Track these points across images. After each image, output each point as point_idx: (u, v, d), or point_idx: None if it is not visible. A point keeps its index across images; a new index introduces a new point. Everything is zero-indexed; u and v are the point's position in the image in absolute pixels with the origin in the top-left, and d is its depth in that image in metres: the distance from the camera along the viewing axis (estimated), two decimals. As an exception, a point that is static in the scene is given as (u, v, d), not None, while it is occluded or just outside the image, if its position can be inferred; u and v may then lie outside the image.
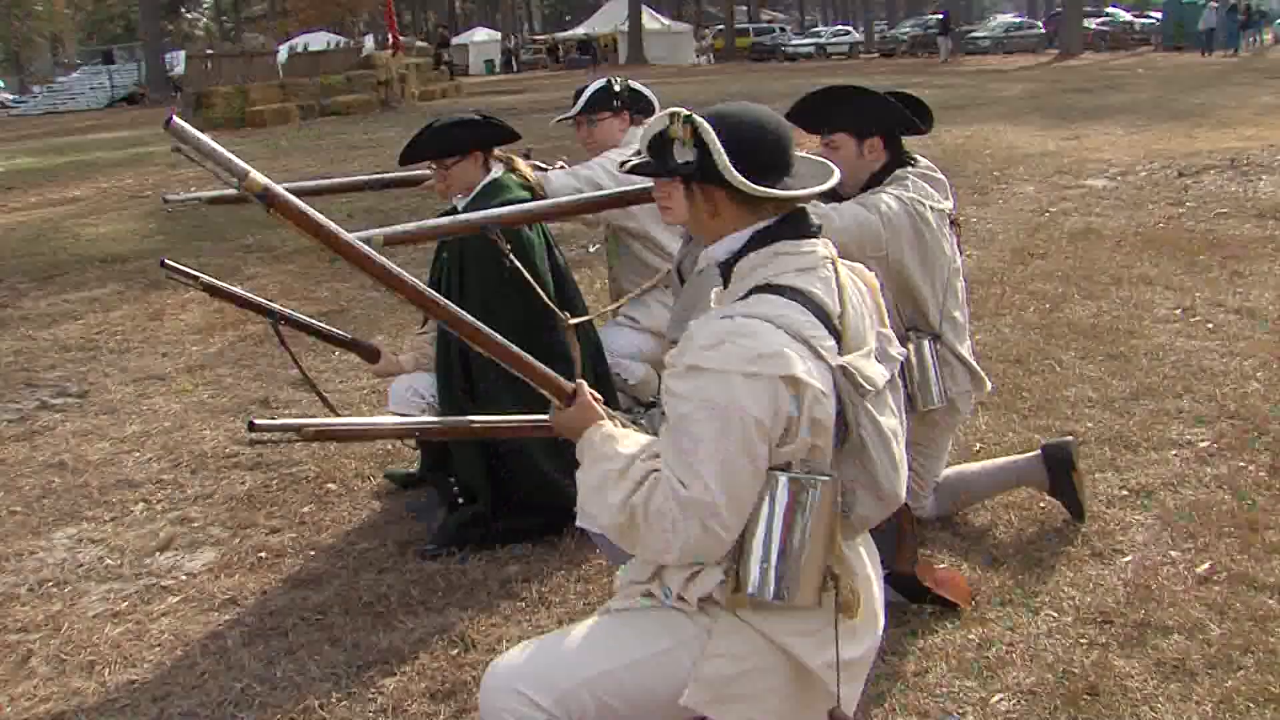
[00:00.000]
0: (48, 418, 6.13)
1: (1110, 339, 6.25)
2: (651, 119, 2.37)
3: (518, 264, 3.70)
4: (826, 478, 2.15)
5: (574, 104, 4.85)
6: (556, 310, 3.91)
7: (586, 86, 4.88)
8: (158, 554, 4.40)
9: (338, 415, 4.39)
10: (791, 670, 2.24)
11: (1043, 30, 47.93)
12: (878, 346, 2.35)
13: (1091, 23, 46.00)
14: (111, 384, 6.67)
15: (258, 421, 2.49)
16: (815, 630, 2.22)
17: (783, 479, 2.13)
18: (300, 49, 33.83)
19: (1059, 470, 4.07)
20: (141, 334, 7.80)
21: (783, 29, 62.58)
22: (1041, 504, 4.22)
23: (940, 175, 3.79)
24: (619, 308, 4.64)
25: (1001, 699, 3.14)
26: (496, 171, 4.27)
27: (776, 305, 2.17)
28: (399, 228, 3.48)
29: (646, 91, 4.89)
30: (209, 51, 29.08)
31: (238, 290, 4.12)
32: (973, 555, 3.93)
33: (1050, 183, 11.70)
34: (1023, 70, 32.33)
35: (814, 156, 2.48)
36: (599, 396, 2.49)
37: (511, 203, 4.09)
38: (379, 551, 4.26)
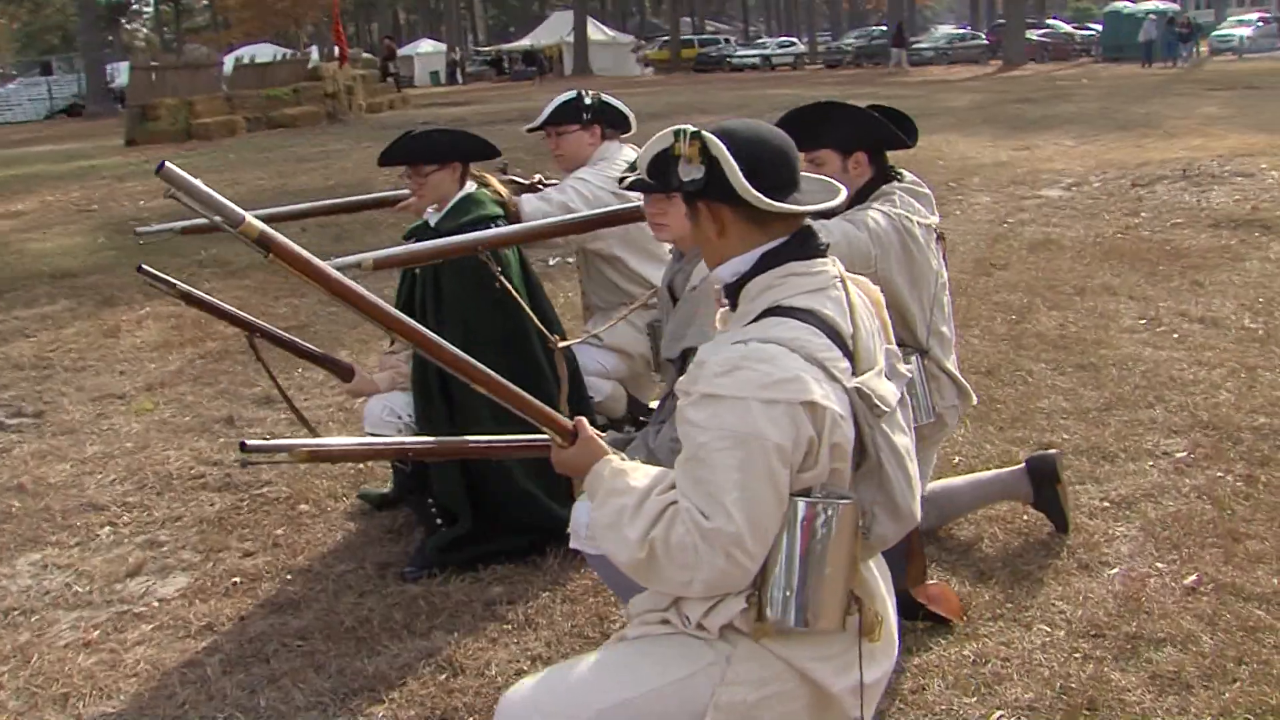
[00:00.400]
0: (3, 439, 5.96)
1: (1079, 349, 6.29)
2: (652, 138, 2.32)
3: (509, 286, 3.65)
4: (847, 500, 2.11)
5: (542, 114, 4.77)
6: (546, 333, 3.86)
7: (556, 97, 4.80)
8: (128, 580, 4.28)
9: (316, 434, 4.30)
10: (812, 695, 2.20)
11: (986, 41, 48.42)
12: (887, 364, 2.32)
13: (1033, 34, 46.58)
14: (69, 403, 6.50)
15: (250, 442, 2.42)
16: (837, 654, 2.19)
17: (802, 504, 2.09)
18: (246, 61, 33.40)
19: (1043, 483, 4.08)
20: (97, 351, 7.61)
21: (728, 40, 62.88)
22: (1025, 516, 4.22)
23: (926, 190, 3.78)
24: (604, 329, 4.56)
25: (1001, 716, 3.12)
26: (470, 187, 4.21)
27: (790, 328, 2.13)
28: (387, 252, 3.42)
29: (619, 105, 4.79)
30: (153, 63, 28.59)
31: (213, 300, 4.05)
32: (961, 570, 3.92)
33: (1006, 193, 11.80)
34: (968, 81, 32.63)
35: (816, 175, 2.44)
36: (600, 432, 2.44)
37: (486, 219, 4.05)
38: (358, 574, 4.17)
